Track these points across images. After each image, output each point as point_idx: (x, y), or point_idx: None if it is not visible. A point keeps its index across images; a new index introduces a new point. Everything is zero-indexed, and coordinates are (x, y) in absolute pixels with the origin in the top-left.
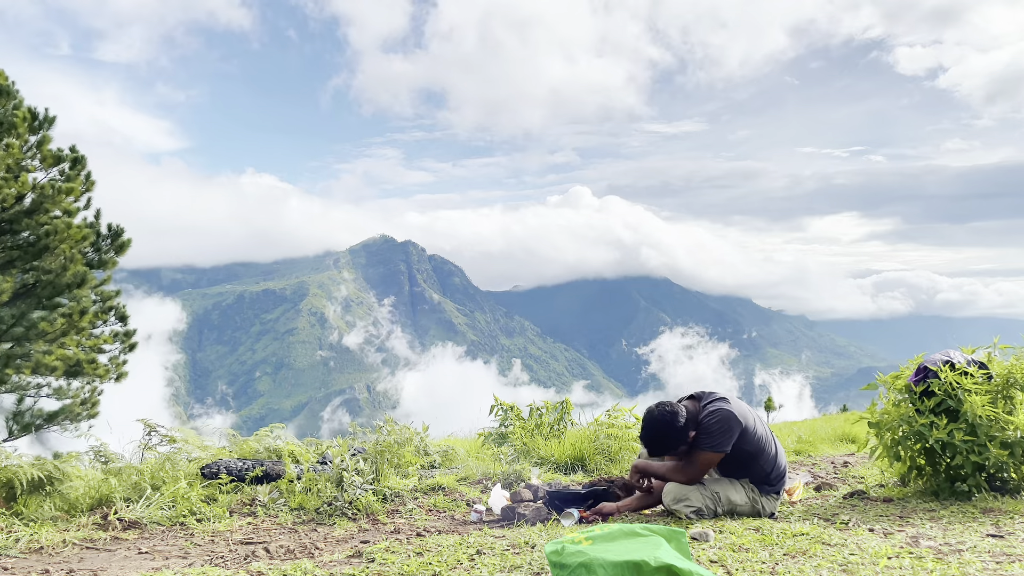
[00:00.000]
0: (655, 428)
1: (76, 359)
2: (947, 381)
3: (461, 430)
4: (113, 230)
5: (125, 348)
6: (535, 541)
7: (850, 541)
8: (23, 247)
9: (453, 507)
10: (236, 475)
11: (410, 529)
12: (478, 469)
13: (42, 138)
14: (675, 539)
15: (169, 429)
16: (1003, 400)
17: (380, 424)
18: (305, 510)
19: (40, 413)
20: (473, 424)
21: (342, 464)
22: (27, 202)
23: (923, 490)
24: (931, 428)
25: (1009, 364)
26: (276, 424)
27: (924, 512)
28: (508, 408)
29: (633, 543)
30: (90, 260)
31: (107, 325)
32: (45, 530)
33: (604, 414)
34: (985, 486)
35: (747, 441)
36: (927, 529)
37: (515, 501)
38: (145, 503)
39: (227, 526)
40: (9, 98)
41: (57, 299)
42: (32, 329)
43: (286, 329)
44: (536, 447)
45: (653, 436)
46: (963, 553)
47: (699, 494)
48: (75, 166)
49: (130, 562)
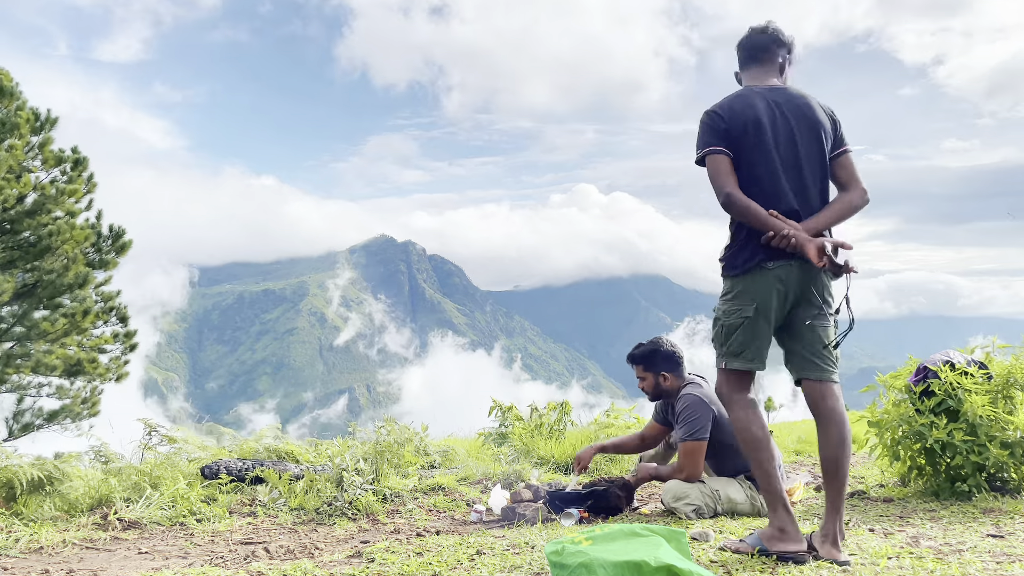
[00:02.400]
0: (646, 341)
1: (77, 359)
2: (947, 381)
3: (461, 430)
4: (114, 231)
5: (126, 348)
6: (535, 541)
7: (850, 541)
8: (25, 247)
9: (453, 507)
10: (236, 475)
11: (410, 529)
12: (478, 469)
13: (44, 139)
14: (675, 539)
15: (168, 429)
16: (1003, 400)
17: (380, 424)
18: (305, 510)
19: (41, 412)
20: (473, 424)
21: (342, 464)
22: (29, 203)
23: (923, 490)
24: (931, 428)
25: (1009, 364)
26: (276, 424)
27: (924, 512)
28: (507, 409)
29: (633, 543)
30: (91, 260)
31: (108, 325)
32: (45, 530)
33: (603, 414)
34: (985, 486)
35: (722, 431)
36: (927, 529)
37: (515, 501)
38: (145, 503)
39: (227, 526)
40: (12, 99)
41: (58, 299)
42: (33, 329)
43: (286, 329)
44: (536, 447)
45: (644, 346)
46: (963, 553)
47: (699, 492)
48: (77, 167)
49: (130, 562)
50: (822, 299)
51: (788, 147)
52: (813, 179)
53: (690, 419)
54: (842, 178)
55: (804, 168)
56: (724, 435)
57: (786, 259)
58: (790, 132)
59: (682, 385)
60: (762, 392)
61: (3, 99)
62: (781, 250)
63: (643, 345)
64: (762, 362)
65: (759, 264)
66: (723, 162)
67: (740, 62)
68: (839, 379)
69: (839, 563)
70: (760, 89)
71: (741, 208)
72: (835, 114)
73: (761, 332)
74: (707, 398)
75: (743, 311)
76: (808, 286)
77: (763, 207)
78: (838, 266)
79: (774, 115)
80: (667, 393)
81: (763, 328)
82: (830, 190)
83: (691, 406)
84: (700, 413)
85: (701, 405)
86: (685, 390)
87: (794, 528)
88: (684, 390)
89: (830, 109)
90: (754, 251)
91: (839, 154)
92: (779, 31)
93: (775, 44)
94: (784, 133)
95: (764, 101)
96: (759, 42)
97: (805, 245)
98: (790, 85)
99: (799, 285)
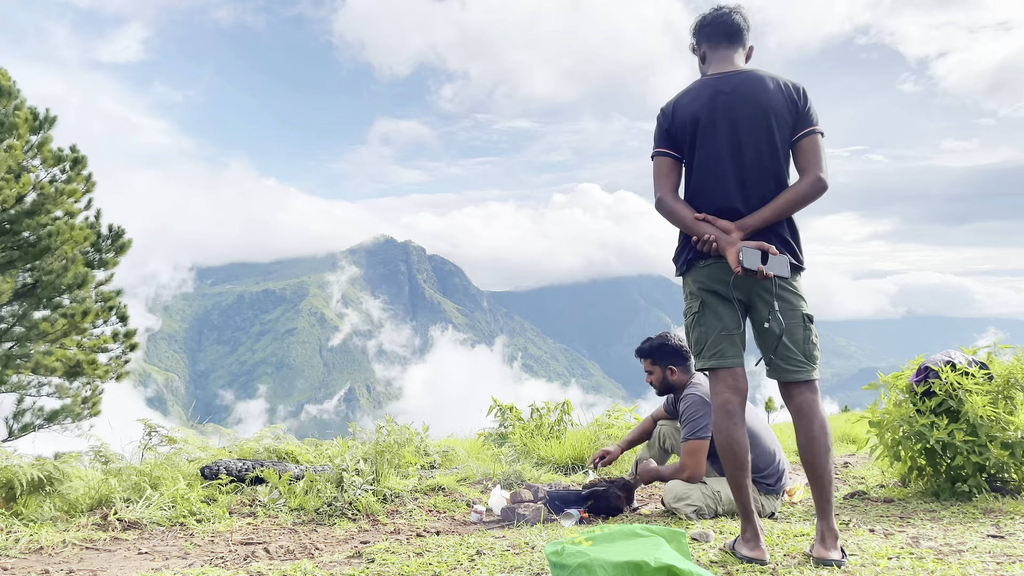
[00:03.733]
0: (656, 336)
1: (76, 359)
2: (948, 381)
3: (461, 430)
4: (114, 231)
5: (126, 348)
6: (535, 541)
7: (851, 541)
8: (24, 247)
9: (453, 508)
10: (236, 475)
11: (410, 529)
12: (478, 470)
13: (43, 138)
14: (675, 539)
15: (169, 429)
16: (1004, 400)
17: (380, 424)
18: (305, 510)
19: (41, 412)
20: (473, 424)
21: (342, 464)
22: (28, 202)
23: (924, 490)
24: (932, 428)
25: (1010, 364)
26: (276, 424)
27: (925, 512)
28: (507, 409)
29: (633, 543)
30: (91, 261)
31: (108, 325)
32: (45, 530)
33: (605, 414)
34: (986, 486)
35: None
36: (928, 530)
37: (515, 501)
38: (145, 503)
39: (227, 526)
40: (11, 98)
41: (58, 299)
42: (33, 329)
43: (286, 329)
44: (536, 448)
45: (652, 340)
46: (963, 554)
47: (700, 493)
48: (76, 166)
49: (130, 562)
50: (777, 298)
51: (730, 138)
52: (760, 170)
53: (692, 418)
54: (799, 164)
55: (747, 159)
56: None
57: (716, 257)
58: (733, 122)
59: (689, 381)
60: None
61: (1, 98)
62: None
63: (652, 339)
64: (726, 359)
65: (693, 263)
66: (662, 164)
67: (707, 40)
68: (812, 377)
69: (829, 562)
70: (712, 78)
71: (667, 212)
72: (801, 91)
73: (713, 327)
74: (709, 397)
75: (691, 307)
76: (755, 286)
77: (708, 205)
78: (749, 271)
79: (715, 106)
80: (674, 387)
81: (714, 324)
82: (790, 177)
83: (693, 405)
84: (702, 412)
85: (703, 404)
86: (688, 389)
87: (756, 537)
88: (687, 389)
89: (795, 86)
90: (691, 250)
91: (800, 137)
92: (746, 14)
93: (745, 27)
94: (726, 123)
95: (711, 90)
96: (732, 23)
97: (725, 250)
98: (754, 67)
99: (745, 283)
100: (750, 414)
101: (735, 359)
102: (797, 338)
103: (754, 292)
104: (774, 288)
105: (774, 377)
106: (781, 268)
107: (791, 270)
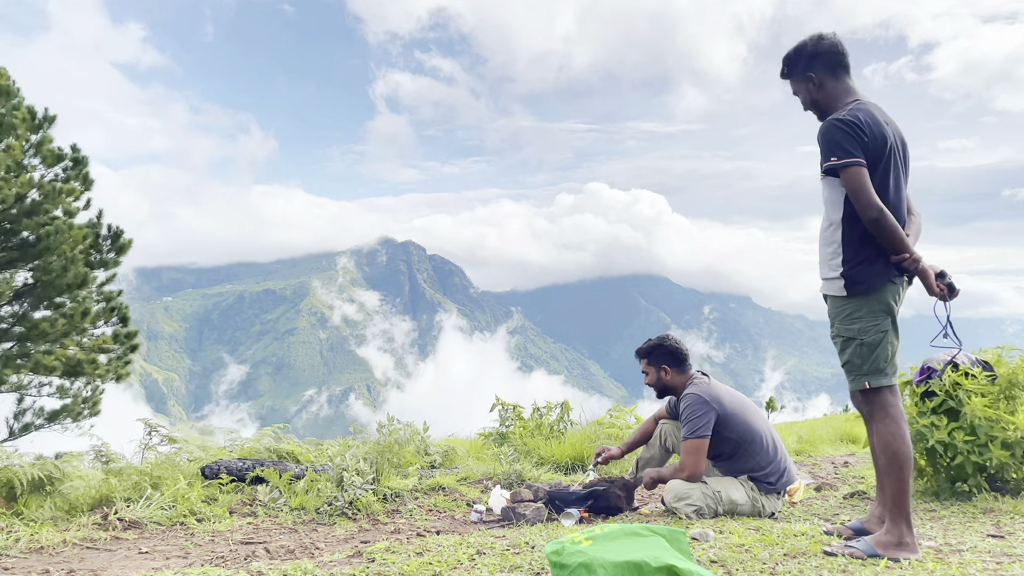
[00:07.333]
0: (654, 337)
1: (76, 359)
2: (947, 382)
3: (462, 430)
4: (113, 231)
5: (127, 348)
6: (535, 541)
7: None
8: (23, 247)
9: (453, 507)
10: (236, 475)
11: (410, 529)
12: (479, 469)
13: (42, 138)
14: (676, 539)
15: (169, 429)
16: (1005, 400)
17: (380, 424)
18: (305, 510)
19: (41, 412)
20: (474, 423)
21: (342, 464)
22: (28, 202)
23: (924, 490)
24: (932, 429)
25: (1014, 365)
26: (277, 424)
27: (925, 512)
28: (511, 407)
29: (633, 543)
30: (91, 261)
31: (108, 325)
32: (45, 530)
33: (607, 414)
34: (986, 486)
35: (727, 427)
36: (928, 529)
37: (515, 501)
38: (145, 503)
39: (227, 526)
40: (10, 97)
41: (58, 299)
42: (33, 330)
43: (286, 329)
44: (536, 447)
45: (649, 342)
46: (964, 553)
47: (700, 493)
48: (76, 166)
49: (130, 562)
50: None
51: (902, 168)
52: (905, 200)
53: (692, 418)
54: (908, 201)
55: (904, 191)
56: (729, 431)
57: (903, 275)
58: (903, 153)
59: (686, 382)
60: (758, 392)
61: (0, 97)
62: (901, 267)
63: (650, 340)
64: (897, 375)
65: (890, 279)
66: (864, 175)
67: (827, 68)
68: (856, 385)
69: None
70: (872, 102)
71: (889, 228)
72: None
73: (895, 346)
74: (709, 396)
75: (880, 326)
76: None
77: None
78: (954, 291)
79: (895, 131)
80: (671, 388)
81: (896, 342)
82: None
83: (692, 405)
84: (701, 411)
85: (702, 404)
86: (688, 389)
87: (912, 539)
88: (687, 389)
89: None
90: (885, 266)
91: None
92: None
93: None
94: (900, 153)
95: (883, 115)
96: (842, 51)
97: (927, 271)
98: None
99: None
100: (752, 412)
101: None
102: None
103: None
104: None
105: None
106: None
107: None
